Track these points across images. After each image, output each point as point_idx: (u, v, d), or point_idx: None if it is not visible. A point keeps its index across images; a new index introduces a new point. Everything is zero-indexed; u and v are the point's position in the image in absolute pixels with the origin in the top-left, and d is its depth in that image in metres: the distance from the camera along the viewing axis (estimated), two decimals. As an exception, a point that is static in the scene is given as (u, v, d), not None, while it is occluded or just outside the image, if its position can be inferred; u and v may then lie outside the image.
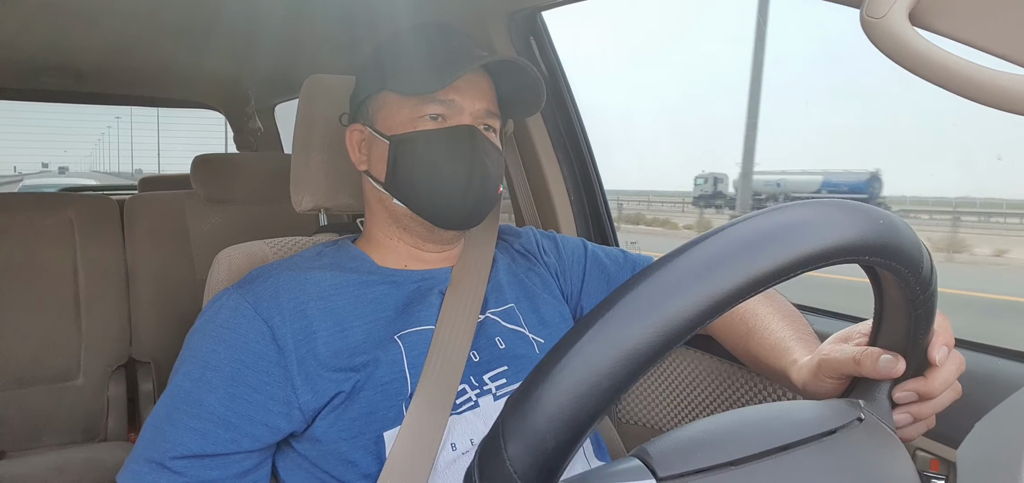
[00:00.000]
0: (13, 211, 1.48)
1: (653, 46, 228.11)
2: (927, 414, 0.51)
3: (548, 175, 1.23)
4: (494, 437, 0.32)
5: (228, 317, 0.65)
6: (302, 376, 0.63)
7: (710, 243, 0.33)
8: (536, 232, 0.90)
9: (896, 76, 3.95)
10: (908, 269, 0.39)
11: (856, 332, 0.56)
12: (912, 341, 0.46)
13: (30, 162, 65.61)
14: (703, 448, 0.36)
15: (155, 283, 1.61)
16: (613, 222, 1.29)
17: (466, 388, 0.68)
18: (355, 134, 0.77)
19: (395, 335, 0.68)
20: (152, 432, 0.61)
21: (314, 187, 0.86)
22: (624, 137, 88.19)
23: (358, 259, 0.75)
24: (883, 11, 0.40)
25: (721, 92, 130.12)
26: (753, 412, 0.40)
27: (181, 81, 2.20)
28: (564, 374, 0.31)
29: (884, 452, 0.41)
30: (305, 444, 0.65)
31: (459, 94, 0.70)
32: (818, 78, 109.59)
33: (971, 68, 0.38)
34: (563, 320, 0.81)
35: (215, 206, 1.72)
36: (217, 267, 0.80)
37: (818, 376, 0.57)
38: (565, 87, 1.23)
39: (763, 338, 0.71)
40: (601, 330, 0.31)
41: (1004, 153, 32.06)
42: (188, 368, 0.63)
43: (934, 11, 0.40)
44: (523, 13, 1.14)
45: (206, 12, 1.36)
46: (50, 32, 1.48)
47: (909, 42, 0.39)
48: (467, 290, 0.74)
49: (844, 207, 0.36)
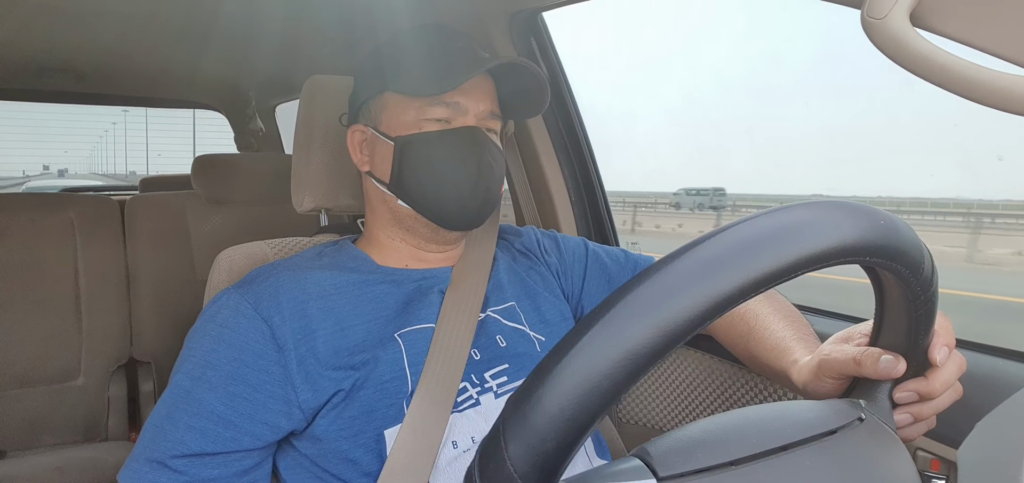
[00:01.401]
0: (14, 211, 1.49)
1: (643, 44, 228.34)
2: (928, 414, 0.51)
3: (549, 175, 1.23)
4: (495, 437, 0.32)
5: (228, 317, 0.65)
6: (302, 375, 0.63)
7: (711, 244, 0.33)
8: (537, 231, 0.90)
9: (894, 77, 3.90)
10: (909, 270, 0.39)
11: (857, 332, 0.56)
12: (913, 342, 0.46)
13: (32, 164, 66.35)
14: (704, 448, 0.36)
15: (156, 283, 1.61)
16: (614, 222, 1.29)
17: (467, 386, 0.68)
18: (357, 135, 0.77)
19: (395, 333, 0.68)
20: (152, 431, 0.61)
21: (315, 188, 0.86)
22: (612, 138, 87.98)
23: (358, 259, 0.75)
24: (884, 12, 0.40)
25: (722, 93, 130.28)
26: (754, 412, 0.40)
27: (181, 82, 2.20)
28: (565, 374, 0.31)
29: (885, 452, 0.41)
30: (306, 443, 0.65)
31: (464, 96, 0.70)
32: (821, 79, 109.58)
33: (972, 68, 0.38)
34: (564, 319, 0.81)
35: (216, 207, 1.72)
36: (217, 267, 0.80)
37: (818, 376, 0.57)
38: (566, 88, 1.23)
39: (763, 338, 0.71)
40: (602, 330, 0.31)
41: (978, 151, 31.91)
42: (188, 367, 0.63)
43: (935, 12, 0.40)
44: (524, 14, 1.14)
45: (207, 13, 1.36)
46: (50, 32, 1.48)
47: (910, 43, 0.39)
48: (468, 288, 0.74)
49: (845, 208, 0.36)
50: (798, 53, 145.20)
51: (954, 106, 36.48)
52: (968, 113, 26.28)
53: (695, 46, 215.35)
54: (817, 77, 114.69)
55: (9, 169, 60.00)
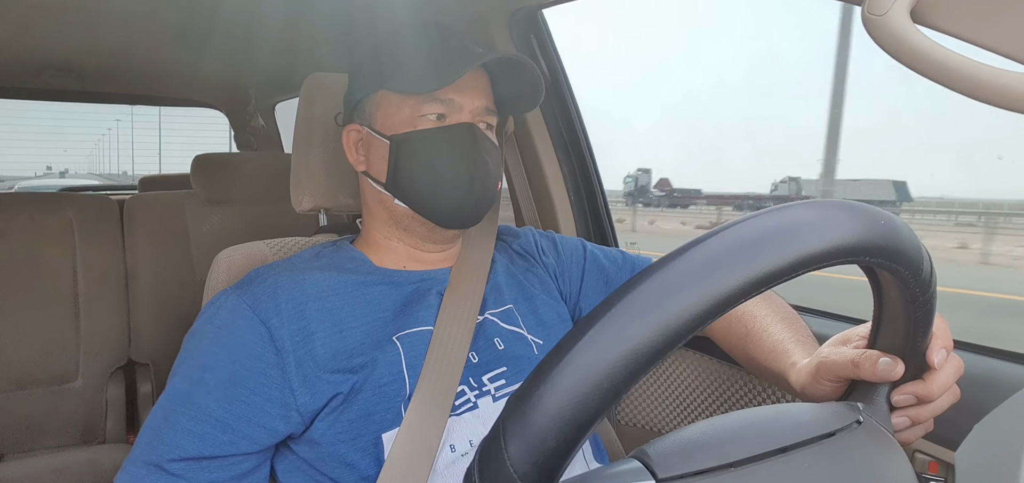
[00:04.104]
0: (13, 211, 1.48)
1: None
2: (925, 417, 0.51)
3: (548, 175, 1.23)
4: (495, 437, 0.32)
5: (226, 318, 0.65)
6: (300, 378, 0.63)
7: (710, 243, 0.33)
8: (535, 233, 0.90)
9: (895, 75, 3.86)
10: (908, 271, 0.39)
11: (855, 334, 0.56)
12: (911, 344, 0.46)
13: (35, 165, 67.26)
14: (702, 450, 0.35)
15: (154, 284, 1.60)
16: (613, 222, 1.29)
17: (465, 389, 0.68)
18: (352, 134, 0.76)
19: (393, 336, 0.68)
20: (150, 434, 0.61)
21: (314, 187, 0.86)
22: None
23: (356, 260, 0.75)
24: (885, 9, 0.40)
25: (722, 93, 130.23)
26: (752, 414, 0.40)
27: (181, 81, 2.20)
28: (565, 374, 0.31)
29: (882, 455, 0.41)
30: (303, 446, 0.65)
31: (459, 92, 0.70)
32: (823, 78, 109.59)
33: (973, 66, 0.38)
34: (561, 321, 0.81)
35: (215, 206, 1.72)
36: (216, 268, 0.79)
37: (816, 379, 0.56)
38: (565, 86, 1.23)
39: (761, 340, 0.71)
40: (602, 330, 0.31)
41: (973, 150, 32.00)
42: (186, 370, 0.63)
43: (936, 9, 0.40)
44: (524, 11, 1.14)
45: (207, 12, 1.36)
46: (50, 32, 1.48)
47: (910, 40, 0.39)
48: (466, 291, 0.74)
49: (844, 207, 0.36)
50: (798, 53, 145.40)
51: (954, 104, 36.15)
52: (967, 111, 26.17)
53: (694, 45, 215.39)
54: (816, 76, 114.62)
55: (12, 168, 60.92)
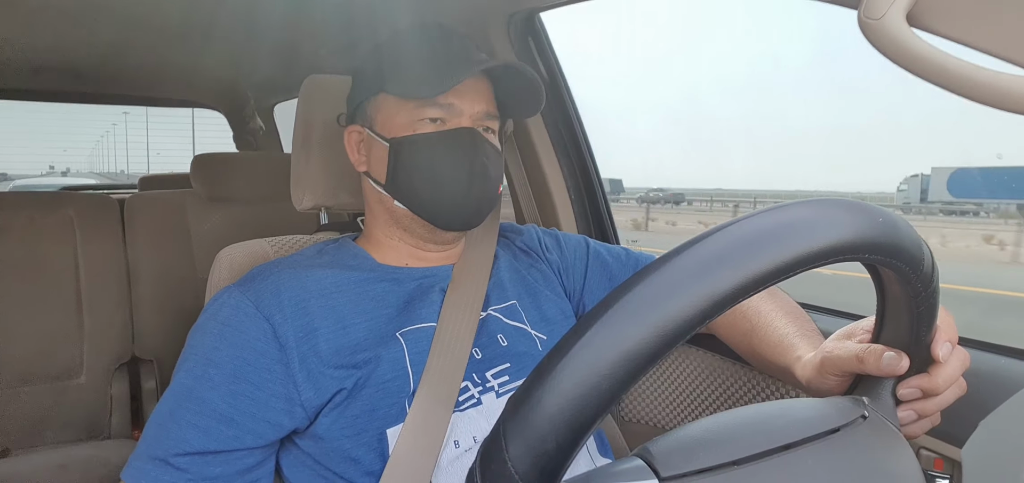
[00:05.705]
0: (14, 209, 1.48)
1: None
2: (932, 411, 0.50)
3: (548, 174, 1.23)
4: (496, 437, 0.31)
5: (230, 315, 0.65)
6: (304, 373, 0.63)
7: (711, 241, 0.33)
8: (538, 229, 0.90)
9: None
10: (909, 266, 0.39)
11: (859, 329, 0.56)
12: (915, 338, 0.46)
13: (39, 164, 67.83)
14: (706, 447, 0.35)
15: (156, 281, 1.61)
16: (614, 221, 1.29)
17: (469, 385, 0.68)
18: (353, 135, 0.76)
19: (397, 332, 0.68)
20: (155, 429, 0.61)
21: (314, 186, 0.86)
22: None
23: (359, 257, 0.75)
24: (881, 12, 0.40)
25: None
26: (756, 411, 0.40)
27: (181, 81, 2.20)
28: (564, 374, 0.30)
29: (888, 450, 0.41)
30: (308, 441, 0.65)
31: (458, 98, 0.70)
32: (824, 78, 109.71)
33: (968, 68, 0.38)
34: (565, 317, 0.81)
35: (216, 205, 1.72)
36: (218, 265, 0.80)
37: (821, 373, 0.56)
38: (564, 87, 1.23)
39: (766, 335, 0.71)
40: (601, 330, 0.31)
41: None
42: (190, 365, 0.63)
43: (931, 12, 0.40)
44: (521, 14, 1.14)
45: (206, 13, 1.36)
46: (49, 32, 1.48)
47: (907, 43, 0.39)
48: (469, 287, 0.74)
49: (844, 205, 0.36)
50: (796, 52, 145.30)
51: (951, 106, 36.27)
52: (964, 111, 26.29)
53: (694, 45, 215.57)
54: (815, 76, 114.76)
55: (16, 167, 61.08)
